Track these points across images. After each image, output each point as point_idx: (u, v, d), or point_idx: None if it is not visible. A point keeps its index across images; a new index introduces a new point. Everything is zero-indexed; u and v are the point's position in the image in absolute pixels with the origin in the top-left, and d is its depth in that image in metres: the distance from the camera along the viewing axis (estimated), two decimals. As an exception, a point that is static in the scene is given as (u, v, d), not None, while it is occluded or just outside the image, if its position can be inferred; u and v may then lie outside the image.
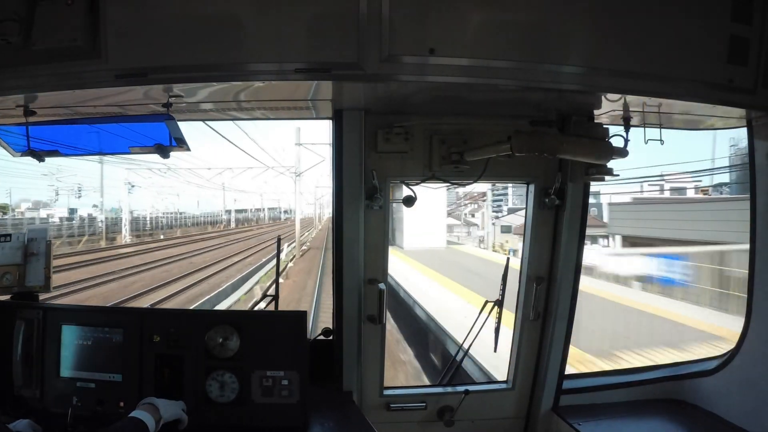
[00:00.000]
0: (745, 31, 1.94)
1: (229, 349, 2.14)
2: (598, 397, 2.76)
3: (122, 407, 2.08)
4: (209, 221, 57.41)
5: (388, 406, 2.65)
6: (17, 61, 1.73)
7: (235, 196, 58.61)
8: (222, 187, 51.84)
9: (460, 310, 8.72)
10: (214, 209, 61.17)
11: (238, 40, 1.74)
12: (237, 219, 61.97)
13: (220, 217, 59.10)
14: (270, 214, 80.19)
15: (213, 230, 50.52)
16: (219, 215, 59.40)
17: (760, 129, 2.30)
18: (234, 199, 59.48)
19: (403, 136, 2.40)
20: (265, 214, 75.49)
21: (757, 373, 2.38)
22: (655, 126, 2.30)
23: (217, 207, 59.83)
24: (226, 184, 50.79)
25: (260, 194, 67.26)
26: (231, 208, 60.12)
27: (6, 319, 2.21)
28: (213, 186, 48.98)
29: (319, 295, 16.01)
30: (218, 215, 59.58)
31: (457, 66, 1.79)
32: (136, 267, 20.78)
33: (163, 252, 27.15)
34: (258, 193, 66.63)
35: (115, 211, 37.91)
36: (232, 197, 58.14)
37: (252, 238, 38.39)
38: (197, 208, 58.53)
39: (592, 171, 2.23)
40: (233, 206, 60.66)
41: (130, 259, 23.37)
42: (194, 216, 55.45)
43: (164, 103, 2.00)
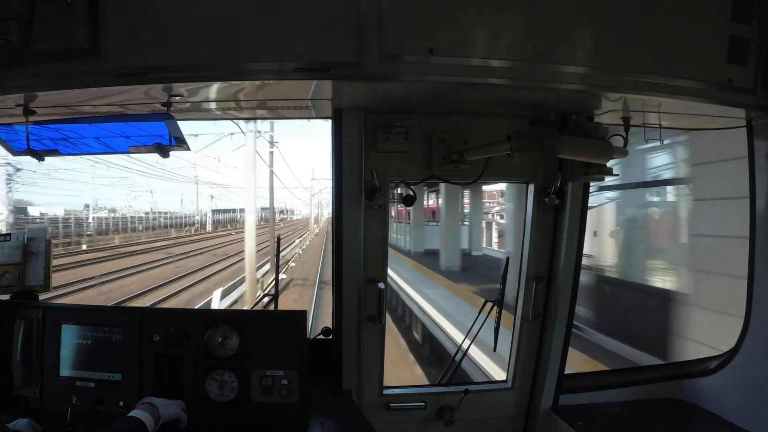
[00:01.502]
0: (745, 31, 1.94)
1: (229, 348, 2.14)
2: (597, 397, 2.76)
3: (122, 407, 2.08)
4: (179, 223, 48.90)
5: (388, 406, 2.65)
6: (17, 60, 1.73)
7: (212, 191, 51.61)
8: (195, 181, 44.42)
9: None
10: (199, 209, 54.10)
11: (237, 39, 1.74)
12: (218, 220, 54.64)
13: (194, 218, 51.21)
14: (261, 214, 76.52)
15: (178, 235, 41.95)
16: (194, 216, 51.54)
17: (760, 129, 2.30)
18: (211, 196, 53.10)
19: (402, 135, 2.40)
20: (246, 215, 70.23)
21: (756, 372, 2.38)
22: (654, 126, 2.30)
23: (202, 206, 53.05)
24: (201, 177, 43.80)
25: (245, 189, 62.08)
26: (210, 208, 53.69)
27: (5, 319, 2.21)
28: (180, 178, 41.49)
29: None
30: (193, 216, 51.71)
31: (457, 65, 1.79)
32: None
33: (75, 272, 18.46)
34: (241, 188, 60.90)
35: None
36: (209, 193, 51.09)
37: (230, 244, 31.83)
38: (180, 208, 52.64)
39: (591, 171, 2.23)
40: (212, 205, 54.26)
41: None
42: (154, 217, 46.10)
43: (164, 103, 2.00)
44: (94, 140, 2.24)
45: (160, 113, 2.02)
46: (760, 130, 2.30)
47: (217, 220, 55.67)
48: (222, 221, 56.86)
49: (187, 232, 45.83)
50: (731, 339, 2.51)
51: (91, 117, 2.19)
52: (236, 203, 59.70)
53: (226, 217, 59.30)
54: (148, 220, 44.86)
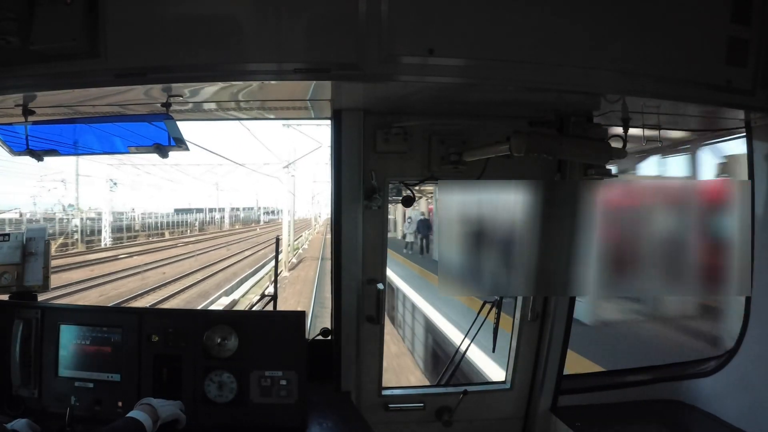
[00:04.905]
0: (744, 32, 1.94)
1: (228, 348, 2.14)
2: (596, 398, 2.76)
3: (120, 407, 2.08)
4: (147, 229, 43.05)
5: (387, 407, 2.65)
6: (16, 60, 1.73)
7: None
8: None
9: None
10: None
11: (237, 39, 1.74)
12: (182, 222, 50.63)
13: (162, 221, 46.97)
14: (246, 215, 69.04)
15: (132, 243, 35.97)
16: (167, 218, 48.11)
17: (759, 130, 2.30)
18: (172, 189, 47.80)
19: (402, 136, 2.40)
20: (227, 216, 62.50)
21: (755, 373, 2.38)
22: (653, 127, 2.30)
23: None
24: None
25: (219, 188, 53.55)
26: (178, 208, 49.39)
27: (4, 319, 2.21)
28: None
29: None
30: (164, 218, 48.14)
31: (456, 66, 1.79)
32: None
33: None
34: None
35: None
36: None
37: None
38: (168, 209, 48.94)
39: (590, 172, 2.23)
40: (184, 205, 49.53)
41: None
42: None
43: (163, 103, 2.00)
44: (94, 140, 2.24)
45: (159, 113, 2.02)
46: (760, 132, 2.30)
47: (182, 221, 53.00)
48: (187, 223, 54.61)
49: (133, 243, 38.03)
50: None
51: (91, 117, 2.19)
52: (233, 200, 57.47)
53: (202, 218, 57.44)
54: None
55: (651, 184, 3.04)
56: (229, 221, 64.26)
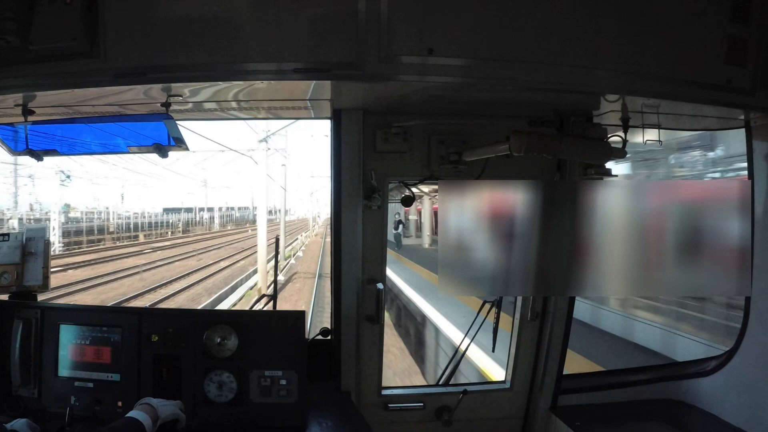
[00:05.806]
0: (744, 32, 1.94)
1: (228, 348, 2.14)
2: (596, 397, 2.76)
3: (120, 407, 2.08)
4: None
5: (386, 406, 2.65)
6: (16, 60, 1.73)
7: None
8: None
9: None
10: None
11: (236, 39, 1.74)
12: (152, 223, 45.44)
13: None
14: (241, 215, 64.34)
15: (88, 249, 30.15)
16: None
17: (759, 130, 2.30)
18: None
19: (401, 136, 2.40)
20: (216, 216, 58.12)
21: (755, 373, 2.38)
22: (653, 127, 2.30)
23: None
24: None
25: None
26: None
27: (4, 319, 2.21)
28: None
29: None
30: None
31: (456, 66, 1.79)
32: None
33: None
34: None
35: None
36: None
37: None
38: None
39: (590, 171, 2.23)
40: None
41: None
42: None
43: (163, 103, 2.00)
44: (93, 140, 2.24)
45: (159, 113, 2.02)
46: (759, 131, 2.30)
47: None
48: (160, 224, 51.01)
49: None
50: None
51: (90, 117, 2.19)
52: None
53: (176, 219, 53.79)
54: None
55: (651, 184, 3.04)
56: (219, 221, 60.47)
